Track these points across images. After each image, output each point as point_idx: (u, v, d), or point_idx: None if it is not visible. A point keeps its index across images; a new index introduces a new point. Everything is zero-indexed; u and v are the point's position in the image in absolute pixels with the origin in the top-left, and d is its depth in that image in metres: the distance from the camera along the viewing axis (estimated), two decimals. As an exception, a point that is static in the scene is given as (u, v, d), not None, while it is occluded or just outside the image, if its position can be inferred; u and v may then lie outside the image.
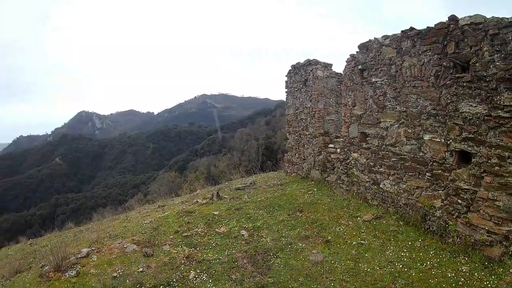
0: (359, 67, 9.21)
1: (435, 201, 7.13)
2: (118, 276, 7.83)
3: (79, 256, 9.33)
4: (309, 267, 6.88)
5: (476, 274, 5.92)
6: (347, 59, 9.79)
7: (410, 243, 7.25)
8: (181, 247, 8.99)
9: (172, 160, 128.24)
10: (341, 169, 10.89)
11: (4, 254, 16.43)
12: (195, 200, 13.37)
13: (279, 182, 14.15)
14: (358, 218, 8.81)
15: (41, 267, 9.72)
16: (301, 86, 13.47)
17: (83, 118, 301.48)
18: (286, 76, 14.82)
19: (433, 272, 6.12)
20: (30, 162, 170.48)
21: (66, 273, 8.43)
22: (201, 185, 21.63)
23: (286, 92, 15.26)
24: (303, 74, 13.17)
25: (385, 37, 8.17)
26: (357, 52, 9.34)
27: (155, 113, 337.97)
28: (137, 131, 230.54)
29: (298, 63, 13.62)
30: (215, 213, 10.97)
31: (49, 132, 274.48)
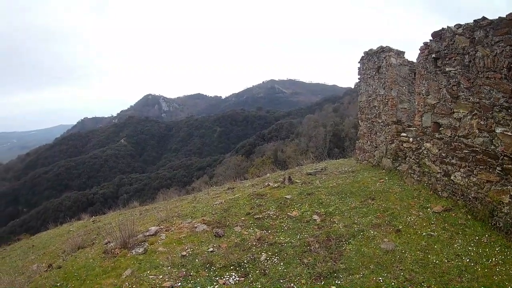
0: (433, 55, 9.41)
1: (503, 196, 7.32)
2: (187, 255, 8.35)
3: (147, 234, 9.86)
4: (380, 255, 7.23)
5: (538, 274, 6.14)
6: (421, 47, 10.02)
7: (477, 237, 7.47)
8: (253, 229, 9.48)
9: (239, 144, 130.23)
10: (413, 159, 11.20)
11: (65, 230, 17.75)
12: (266, 183, 13.92)
13: (350, 169, 14.51)
14: (428, 209, 9.08)
15: (106, 244, 10.31)
16: (374, 73, 13.77)
17: (150, 101, 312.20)
18: (359, 62, 15.13)
19: (497, 269, 6.35)
20: (94, 142, 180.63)
21: (133, 250, 8.89)
22: (270, 169, 22.31)
23: (358, 78, 15.58)
24: (376, 61, 13.47)
25: (458, 26, 8.34)
26: (430, 40, 9.53)
27: (223, 97, 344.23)
28: (204, 114, 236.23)
29: (371, 50, 13.92)
30: (287, 197, 11.43)
31: (115, 114, 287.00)
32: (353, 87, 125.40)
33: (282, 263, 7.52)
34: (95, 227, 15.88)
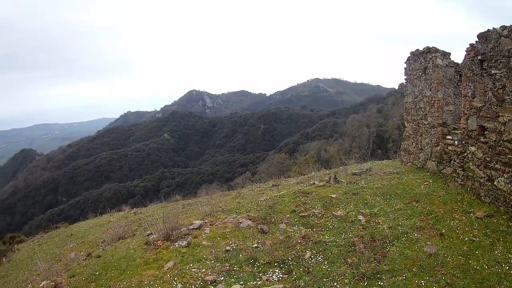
0: (479, 57, 9.34)
1: (545, 204, 7.25)
2: (231, 250, 8.62)
3: (191, 227, 10.15)
4: (423, 259, 7.33)
5: None
6: (467, 48, 9.95)
7: (517, 245, 7.42)
8: (298, 226, 9.68)
9: (283, 142, 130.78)
10: (457, 162, 11.13)
11: (105, 221, 18.44)
12: (311, 182, 14.06)
13: (395, 171, 14.47)
14: (471, 214, 9.07)
15: (147, 235, 10.63)
16: (420, 73, 13.70)
17: (194, 96, 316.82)
18: (405, 63, 15.07)
19: (535, 278, 6.33)
20: (137, 136, 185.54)
21: (176, 243, 9.16)
22: (315, 168, 22.39)
23: (405, 79, 15.52)
24: (423, 62, 13.40)
25: (503, 27, 8.25)
26: (476, 42, 9.46)
27: (267, 94, 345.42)
28: (248, 111, 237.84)
29: (417, 50, 13.85)
30: (333, 196, 11.56)
31: (158, 109, 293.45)
32: (397, 87, 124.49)
33: (326, 262, 7.68)
34: (136, 218, 16.35)
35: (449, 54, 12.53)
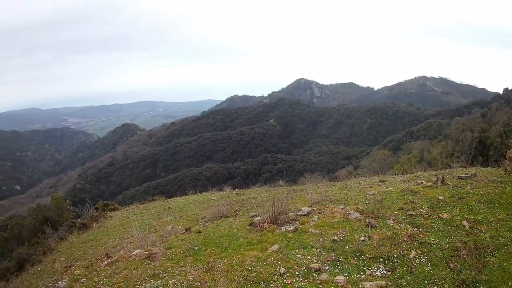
0: None
1: None
2: (338, 240, 8.48)
3: (299, 213, 10.06)
4: None
5: None
6: None
7: None
8: (405, 224, 9.39)
9: (387, 138, 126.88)
10: (554, 177, 10.65)
11: (206, 198, 18.89)
12: (419, 181, 13.52)
13: (498, 179, 13.17)
14: None
15: (252, 217, 10.70)
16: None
17: (302, 85, 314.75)
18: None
19: None
20: (243, 119, 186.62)
21: (283, 227, 9.07)
22: (422, 168, 21.87)
23: (515, 84, 15.12)
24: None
25: None
26: None
27: (375, 88, 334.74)
28: (355, 104, 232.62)
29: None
30: (440, 197, 11.09)
31: (265, 95, 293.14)
32: (501, 92, 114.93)
33: (429, 264, 7.52)
34: (239, 199, 16.44)
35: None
